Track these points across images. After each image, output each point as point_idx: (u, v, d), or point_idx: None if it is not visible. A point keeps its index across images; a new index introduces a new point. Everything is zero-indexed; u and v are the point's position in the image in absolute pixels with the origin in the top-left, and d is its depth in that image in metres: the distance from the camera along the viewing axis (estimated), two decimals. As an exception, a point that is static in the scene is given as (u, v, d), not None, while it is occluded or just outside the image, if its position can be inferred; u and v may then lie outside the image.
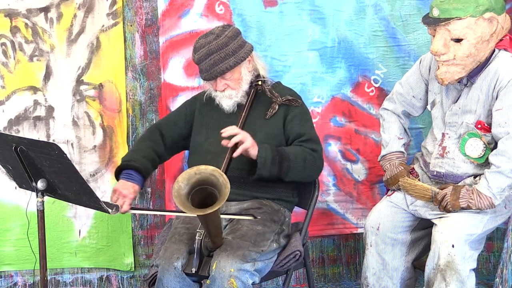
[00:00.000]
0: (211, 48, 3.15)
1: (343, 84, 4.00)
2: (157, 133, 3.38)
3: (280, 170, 3.11)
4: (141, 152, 3.31)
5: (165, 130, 3.39)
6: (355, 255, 4.19)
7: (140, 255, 4.05)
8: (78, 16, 3.87)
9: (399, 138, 3.43)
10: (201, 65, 3.18)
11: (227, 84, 3.21)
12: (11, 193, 3.91)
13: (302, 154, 3.15)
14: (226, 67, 3.16)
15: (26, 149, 2.74)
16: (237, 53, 3.18)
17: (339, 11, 3.94)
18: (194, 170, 2.84)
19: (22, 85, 3.89)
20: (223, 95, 3.24)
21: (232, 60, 3.16)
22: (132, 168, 3.23)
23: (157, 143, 3.36)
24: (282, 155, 3.12)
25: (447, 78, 3.13)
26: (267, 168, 3.09)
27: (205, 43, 3.17)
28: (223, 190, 2.77)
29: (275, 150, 3.11)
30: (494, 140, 3.14)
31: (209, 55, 3.15)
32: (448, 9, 3.05)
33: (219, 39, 3.16)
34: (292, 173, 3.14)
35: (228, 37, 3.17)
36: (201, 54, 3.16)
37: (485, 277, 4.11)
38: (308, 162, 3.16)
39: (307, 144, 3.20)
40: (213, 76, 3.18)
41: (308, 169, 3.17)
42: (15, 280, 4.00)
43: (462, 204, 3.10)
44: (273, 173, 3.11)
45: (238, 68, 3.20)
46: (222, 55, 3.15)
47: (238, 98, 3.24)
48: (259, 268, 2.98)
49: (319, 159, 3.21)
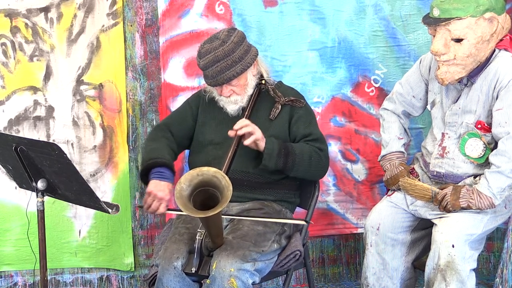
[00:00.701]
0: (218, 55, 3.11)
1: (343, 84, 4.00)
2: (168, 131, 3.34)
3: (286, 163, 3.11)
4: (163, 150, 3.24)
5: (174, 128, 3.35)
6: (355, 255, 4.19)
7: (140, 255, 4.05)
8: (78, 16, 3.87)
9: (399, 138, 3.43)
10: (207, 71, 3.14)
11: (233, 90, 3.19)
12: (11, 193, 3.90)
13: (308, 151, 3.16)
14: (233, 74, 3.14)
15: (26, 149, 2.74)
16: (244, 59, 3.15)
17: (339, 11, 3.94)
18: (196, 171, 2.84)
19: (22, 85, 3.89)
20: (229, 100, 3.22)
21: (239, 67, 3.14)
22: (161, 165, 3.16)
23: (171, 140, 3.31)
24: (288, 149, 3.12)
25: (447, 78, 3.13)
26: (273, 160, 3.09)
27: (211, 48, 3.13)
28: (225, 193, 2.77)
29: (281, 144, 3.13)
30: (494, 140, 3.14)
31: (215, 62, 3.11)
32: (448, 9, 3.05)
33: (225, 45, 3.12)
34: (297, 168, 3.14)
35: (234, 43, 3.13)
36: (207, 61, 3.12)
37: (485, 277, 4.11)
38: (314, 159, 3.16)
39: (314, 143, 3.21)
40: (220, 83, 3.15)
41: (314, 167, 3.18)
42: (15, 280, 4.00)
43: (462, 204, 3.10)
44: (278, 166, 3.11)
45: (244, 74, 3.18)
46: (229, 62, 3.11)
47: (244, 103, 3.23)
48: (259, 268, 2.98)
49: (325, 158, 3.22)
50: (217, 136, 3.23)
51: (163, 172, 3.15)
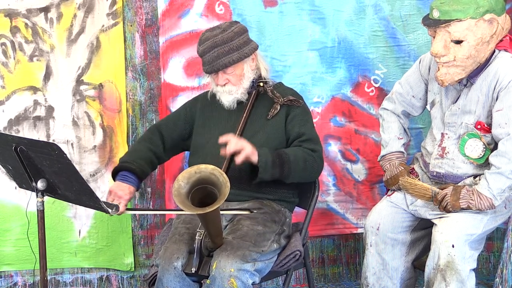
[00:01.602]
0: (216, 41, 3.16)
1: (343, 84, 4.00)
2: (157, 133, 3.37)
3: (281, 172, 3.11)
4: (139, 153, 3.30)
5: (165, 130, 3.38)
6: (355, 255, 4.19)
7: (140, 255, 4.05)
8: (78, 16, 3.87)
9: (398, 138, 3.43)
10: (205, 57, 3.19)
11: (229, 79, 3.22)
12: (11, 193, 3.91)
13: (302, 155, 3.14)
14: (229, 61, 3.17)
15: (26, 149, 2.74)
16: (242, 49, 3.19)
17: (339, 11, 3.94)
18: (194, 169, 2.84)
19: (22, 85, 3.89)
20: (223, 90, 3.24)
21: (235, 55, 3.17)
22: (128, 169, 3.22)
23: (156, 144, 3.34)
24: (282, 157, 3.10)
25: (447, 80, 3.13)
26: (268, 172, 3.08)
27: (210, 36, 3.18)
28: (223, 189, 2.77)
29: (274, 154, 3.10)
30: (493, 141, 3.14)
31: (213, 48, 3.16)
32: (448, 11, 3.04)
33: (225, 33, 3.17)
34: (293, 175, 3.14)
35: (234, 32, 3.19)
36: (206, 46, 3.17)
37: (485, 277, 4.11)
38: (309, 163, 3.15)
39: (307, 144, 3.19)
40: (215, 69, 3.18)
41: (309, 170, 3.17)
42: (15, 280, 4.00)
43: (462, 205, 3.10)
44: (274, 176, 3.11)
45: (241, 64, 3.21)
46: (226, 49, 3.16)
47: (238, 95, 3.24)
48: (259, 268, 2.98)
49: (319, 159, 3.20)
50: (215, 136, 3.23)
51: (127, 176, 3.21)
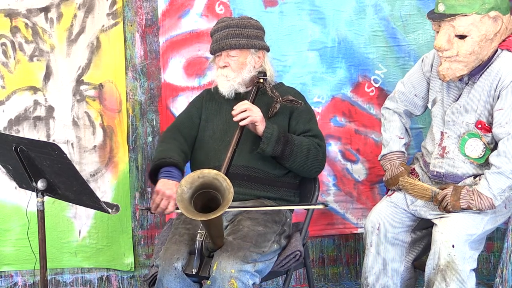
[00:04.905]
0: (230, 24, 3.25)
1: (343, 84, 4.01)
2: (178, 132, 3.35)
3: (283, 151, 3.12)
4: (172, 150, 3.25)
5: (184, 129, 3.36)
6: (355, 255, 4.19)
7: (140, 255, 4.05)
8: (78, 16, 3.87)
9: (400, 137, 3.43)
10: (215, 36, 3.27)
11: (229, 63, 3.25)
12: (11, 193, 3.90)
13: (307, 144, 3.18)
14: (235, 44, 3.22)
15: (26, 149, 2.74)
16: (252, 39, 3.26)
17: (339, 11, 3.95)
18: (197, 174, 2.84)
19: (22, 85, 3.89)
20: (222, 73, 3.27)
21: (244, 41, 3.24)
22: (170, 164, 3.16)
23: (181, 141, 3.32)
24: (287, 137, 3.14)
25: (448, 75, 3.13)
26: (271, 145, 3.10)
27: (227, 19, 3.31)
28: (227, 195, 2.76)
29: (282, 131, 3.15)
30: (494, 141, 3.14)
31: (225, 28, 3.24)
32: (454, 5, 3.06)
33: (242, 20, 3.28)
34: (294, 159, 3.15)
35: (250, 24, 3.28)
36: (219, 26, 3.28)
37: (485, 277, 4.11)
38: (312, 153, 3.17)
39: (313, 139, 3.22)
40: (221, 47, 3.24)
41: (310, 160, 3.18)
42: (15, 280, 4.00)
43: (462, 205, 3.10)
44: (276, 152, 3.12)
45: (246, 52, 3.25)
46: (237, 32, 3.23)
47: (235, 84, 3.26)
48: (259, 268, 2.98)
49: (322, 154, 3.23)
50: (217, 131, 3.23)
51: (172, 171, 3.15)
